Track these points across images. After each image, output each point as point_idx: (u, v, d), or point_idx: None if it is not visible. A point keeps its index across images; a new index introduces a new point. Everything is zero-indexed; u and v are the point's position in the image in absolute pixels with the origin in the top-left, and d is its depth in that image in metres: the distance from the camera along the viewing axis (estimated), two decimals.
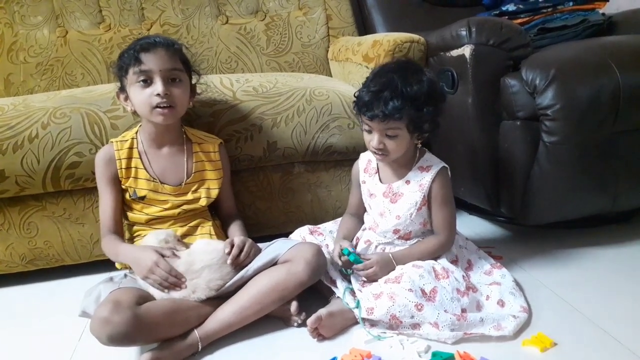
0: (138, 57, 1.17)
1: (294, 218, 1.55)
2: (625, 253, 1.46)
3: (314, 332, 1.12)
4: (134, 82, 1.18)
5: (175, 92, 1.20)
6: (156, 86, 1.17)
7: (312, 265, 1.15)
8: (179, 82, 1.22)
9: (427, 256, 1.22)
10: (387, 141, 1.17)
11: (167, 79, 1.19)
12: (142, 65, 1.17)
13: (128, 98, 1.23)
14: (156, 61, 1.18)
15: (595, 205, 1.44)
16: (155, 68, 1.17)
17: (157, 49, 1.19)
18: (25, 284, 1.47)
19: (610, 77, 1.30)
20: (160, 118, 1.19)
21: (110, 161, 1.25)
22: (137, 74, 1.18)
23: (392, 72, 1.16)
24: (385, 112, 1.11)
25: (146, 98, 1.18)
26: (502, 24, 1.39)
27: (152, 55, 1.18)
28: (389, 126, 1.14)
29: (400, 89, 1.12)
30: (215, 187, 1.31)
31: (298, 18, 2.03)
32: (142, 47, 1.18)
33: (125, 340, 1.00)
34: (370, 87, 1.16)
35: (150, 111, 1.19)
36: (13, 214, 1.37)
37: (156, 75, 1.18)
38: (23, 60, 1.82)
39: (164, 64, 1.19)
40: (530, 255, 1.47)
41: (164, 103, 1.18)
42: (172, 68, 1.20)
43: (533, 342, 1.07)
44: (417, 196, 1.22)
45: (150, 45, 1.19)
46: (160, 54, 1.19)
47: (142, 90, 1.18)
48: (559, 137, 1.31)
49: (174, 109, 1.20)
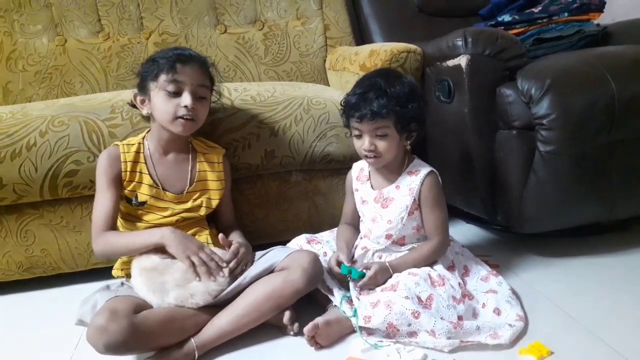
0: (174, 66, 1.18)
1: (291, 226, 1.55)
2: (622, 261, 1.46)
3: (311, 340, 1.11)
4: (163, 88, 1.19)
5: (200, 108, 1.22)
6: (184, 98, 1.18)
7: (309, 273, 1.15)
8: (204, 99, 1.24)
9: (423, 262, 1.23)
10: (378, 142, 1.20)
11: (195, 94, 1.20)
12: (177, 75, 1.18)
13: (145, 101, 1.24)
14: (190, 74, 1.19)
15: (592, 214, 1.44)
16: (187, 81, 1.19)
17: (193, 62, 1.21)
18: (21, 292, 1.46)
19: (605, 87, 1.32)
20: (181, 129, 1.21)
21: (116, 161, 1.24)
22: (169, 82, 1.18)
23: (375, 77, 1.23)
24: (373, 109, 1.16)
25: (172, 107, 1.19)
26: (498, 34, 1.40)
27: (187, 67, 1.19)
28: (377, 125, 1.18)
29: (384, 89, 1.18)
30: (216, 198, 1.31)
31: (296, 28, 2.05)
32: (179, 57, 1.19)
33: (122, 348, 1.00)
34: (356, 91, 1.21)
35: (172, 120, 1.19)
36: (10, 221, 1.37)
37: (187, 88, 1.19)
38: (22, 68, 1.83)
39: (197, 79, 1.21)
40: (527, 264, 1.47)
41: (188, 115, 1.19)
42: (202, 84, 1.22)
43: (530, 350, 1.07)
44: (407, 200, 1.24)
45: (187, 57, 1.20)
46: (195, 68, 1.21)
47: (169, 99, 1.19)
48: (555, 146, 1.32)
49: (195, 122, 1.22)
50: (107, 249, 1.19)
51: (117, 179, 1.24)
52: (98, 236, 1.19)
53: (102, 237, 1.18)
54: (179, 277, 1.11)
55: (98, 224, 1.20)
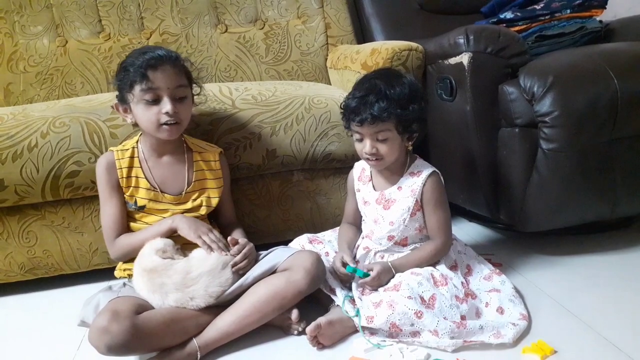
0: (145, 74, 1.14)
1: (293, 226, 1.55)
2: (625, 259, 1.46)
3: (314, 340, 1.11)
4: (140, 98, 1.16)
5: (181, 109, 1.19)
6: (164, 105, 1.16)
7: (312, 273, 1.15)
8: (184, 99, 1.21)
9: (425, 262, 1.22)
10: (379, 145, 1.18)
11: (174, 97, 1.18)
12: (150, 83, 1.15)
13: (128, 110, 1.22)
14: (164, 79, 1.16)
15: (595, 212, 1.44)
16: (163, 86, 1.16)
17: (165, 65, 1.16)
18: (24, 293, 1.47)
19: (607, 84, 1.31)
20: (166, 134, 1.20)
21: (112, 168, 1.24)
22: (145, 92, 1.15)
23: (375, 79, 1.20)
24: (373, 113, 1.14)
25: (153, 116, 1.17)
26: (500, 31, 1.39)
27: (159, 73, 1.15)
28: (378, 129, 1.16)
29: (384, 92, 1.16)
30: (216, 196, 1.31)
31: (297, 27, 2.04)
32: (149, 63, 1.14)
33: (124, 349, 1.00)
34: (356, 94, 1.19)
35: (157, 128, 1.18)
36: (12, 223, 1.37)
37: (164, 93, 1.16)
38: (23, 69, 1.83)
39: (172, 82, 1.17)
40: (530, 262, 1.47)
41: (171, 120, 1.17)
42: (179, 85, 1.19)
43: (533, 349, 1.06)
44: (409, 201, 1.23)
45: (157, 61, 1.15)
46: (168, 71, 1.17)
47: (149, 108, 1.17)
48: (558, 144, 1.31)
49: (179, 124, 1.20)
50: (124, 252, 1.23)
51: (117, 186, 1.24)
52: (112, 244, 1.23)
53: (116, 243, 1.22)
54: (179, 280, 1.11)
55: (109, 233, 1.23)
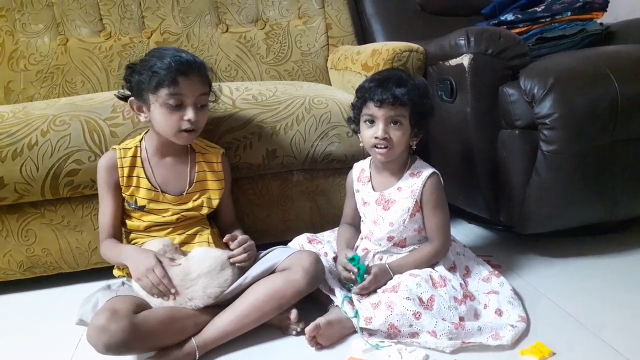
0: (176, 79, 1.12)
1: (292, 226, 1.55)
2: (624, 262, 1.46)
3: (312, 340, 1.11)
4: (164, 102, 1.15)
5: (201, 116, 1.20)
6: (188, 112, 1.15)
7: (311, 273, 1.15)
8: (205, 107, 1.21)
9: (423, 264, 1.22)
10: (392, 131, 1.19)
11: (197, 104, 1.18)
12: (178, 88, 1.13)
13: (143, 109, 1.19)
14: (192, 86, 1.15)
15: (594, 214, 1.44)
16: (190, 93, 1.15)
17: (194, 72, 1.16)
18: (22, 292, 1.46)
19: (608, 86, 1.31)
20: (184, 140, 1.20)
21: (113, 168, 1.24)
22: (171, 96, 1.13)
23: (392, 70, 1.26)
24: (395, 94, 1.16)
25: (175, 122, 1.16)
26: (501, 33, 1.39)
27: (189, 80, 1.14)
28: (395, 112, 1.18)
29: (405, 79, 1.19)
30: (216, 197, 1.31)
31: (298, 27, 2.04)
32: (179, 68, 1.13)
33: (122, 348, 1.00)
34: (375, 77, 1.22)
35: (175, 133, 1.18)
36: (11, 221, 1.37)
37: (189, 101, 1.16)
38: (23, 67, 1.83)
39: (198, 90, 1.17)
40: (529, 264, 1.47)
41: (191, 127, 1.17)
42: (202, 93, 1.19)
43: (532, 351, 1.06)
44: (409, 202, 1.23)
45: (187, 67, 1.14)
46: (196, 79, 1.16)
47: (172, 113, 1.15)
48: (557, 146, 1.31)
49: (196, 131, 1.21)
50: (106, 257, 1.24)
51: (115, 187, 1.24)
52: (100, 244, 1.24)
53: (105, 242, 1.23)
54: (177, 282, 1.11)
55: (103, 230, 1.25)
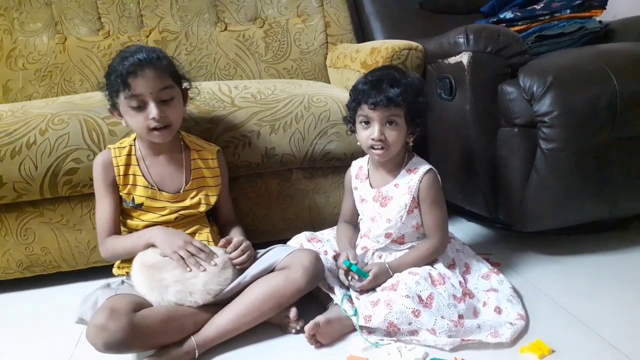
0: (126, 82, 1.11)
1: (292, 224, 1.55)
2: (624, 260, 1.46)
3: (312, 338, 1.11)
4: (126, 105, 1.14)
5: (170, 111, 1.16)
6: (150, 110, 1.13)
7: (310, 272, 1.15)
8: (171, 100, 1.17)
9: (422, 261, 1.22)
10: (388, 131, 1.19)
11: (160, 100, 1.15)
12: (132, 90, 1.12)
13: (121, 114, 1.20)
14: (146, 84, 1.12)
15: (593, 212, 1.44)
16: (146, 92, 1.12)
17: (145, 70, 1.11)
18: (21, 291, 1.46)
19: (607, 84, 1.31)
20: (159, 139, 1.19)
21: (109, 167, 1.24)
22: (129, 99, 1.13)
23: (386, 69, 1.24)
24: (388, 95, 1.15)
25: (141, 122, 1.15)
26: (500, 31, 1.39)
27: (140, 78, 1.11)
28: (390, 113, 1.17)
29: (398, 79, 1.18)
30: (214, 194, 1.31)
31: (297, 25, 2.04)
32: (128, 70, 1.10)
33: (122, 347, 1.00)
34: (369, 78, 1.21)
35: (148, 133, 1.17)
36: (10, 220, 1.37)
37: (149, 98, 1.13)
38: (22, 66, 1.83)
39: (155, 86, 1.13)
40: (528, 262, 1.47)
41: (160, 125, 1.15)
42: (163, 87, 1.15)
43: (531, 349, 1.06)
44: (406, 198, 1.23)
45: (136, 67, 1.11)
46: (149, 75, 1.12)
47: (136, 115, 1.15)
48: (557, 144, 1.31)
49: (170, 127, 1.18)
50: (111, 254, 1.23)
51: (113, 185, 1.24)
52: (102, 243, 1.23)
53: (105, 243, 1.22)
54: (178, 273, 1.11)
55: (100, 232, 1.24)
